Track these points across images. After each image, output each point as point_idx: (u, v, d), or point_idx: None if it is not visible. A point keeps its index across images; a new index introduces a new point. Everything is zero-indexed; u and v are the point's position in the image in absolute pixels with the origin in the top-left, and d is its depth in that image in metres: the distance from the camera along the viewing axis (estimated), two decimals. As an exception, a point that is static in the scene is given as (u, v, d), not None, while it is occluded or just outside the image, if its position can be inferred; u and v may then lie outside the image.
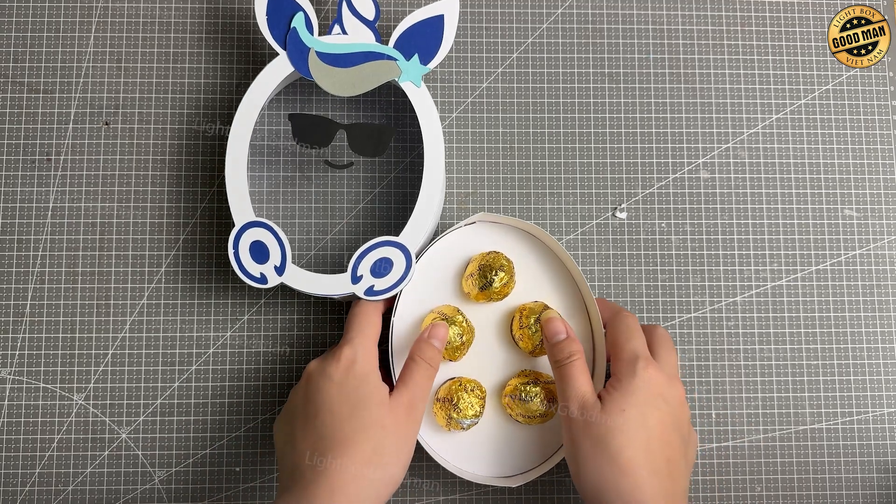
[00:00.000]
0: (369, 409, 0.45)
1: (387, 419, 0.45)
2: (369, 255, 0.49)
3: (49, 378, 0.53)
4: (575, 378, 0.46)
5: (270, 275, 0.49)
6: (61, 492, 0.52)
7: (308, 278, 0.49)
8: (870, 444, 0.54)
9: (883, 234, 0.56)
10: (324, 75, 0.50)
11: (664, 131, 0.57)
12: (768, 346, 0.55)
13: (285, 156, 0.56)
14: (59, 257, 0.54)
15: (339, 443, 0.44)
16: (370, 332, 0.48)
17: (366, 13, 0.51)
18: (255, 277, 0.49)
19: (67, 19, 0.56)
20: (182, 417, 0.53)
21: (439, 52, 0.51)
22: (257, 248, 0.49)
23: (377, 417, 0.44)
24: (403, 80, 0.51)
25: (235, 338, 0.54)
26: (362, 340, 0.47)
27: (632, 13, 0.58)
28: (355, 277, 0.49)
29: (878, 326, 0.55)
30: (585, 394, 0.46)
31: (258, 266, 0.49)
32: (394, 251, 0.49)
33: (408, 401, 0.46)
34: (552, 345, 0.48)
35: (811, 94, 0.57)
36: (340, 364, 0.46)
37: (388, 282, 0.49)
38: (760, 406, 0.55)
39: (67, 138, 0.55)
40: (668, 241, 0.56)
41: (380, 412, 0.45)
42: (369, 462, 0.43)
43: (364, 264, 0.49)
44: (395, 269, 0.49)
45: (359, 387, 0.45)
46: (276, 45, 0.51)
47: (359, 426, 0.44)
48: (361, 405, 0.45)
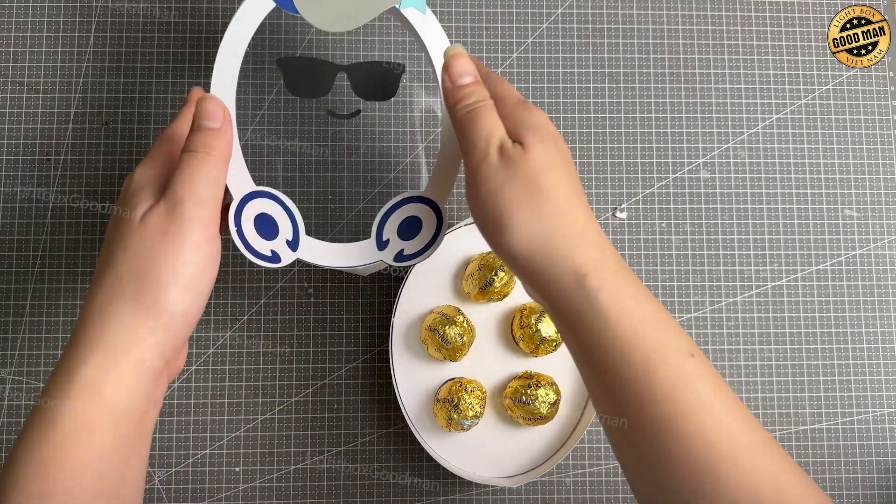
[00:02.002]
0: (117, 232, 0.37)
1: (132, 238, 0.36)
2: (394, 215, 0.43)
3: (49, 378, 0.53)
4: (488, 119, 0.38)
5: (283, 251, 0.42)
6: (61, 492, 0.52)
7: (327, 250, 0.43)
8: (870, 444, 0.54)
9: (883, 234, 0.56)
10: (311, 6, 0.42)
11: (664, 131, 0.57)
12: (768, 346, 0.55)
13: (281, 112, 0.54)
14: (58, 257, 0.54)
15: (91, 286, 0.37)
16: (159, 147, 0.41)
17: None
18: (266, 256, 0.42)
19: (67, 19, 0.56)
20: (182, 417, 0.53)
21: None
22: (264, 222, 0.42)
23: (122, 237, 0.37)
24: (405, 6, 0.43)
25: (235, 338, 0.54)
26: (145, 159, 0.40)
27: (632, 13, 0.58)
28: (381, 242, 0.43)
29: (879, 326, 0.55)
30: (503, 134, 0.38)
31: (267, 243, 0.42)
32: (422, 208, 0.44)
33: (167, 207, 0.37)
34: (457, 87, 0.39)
35: (811, 94, 0.57)
36: (123, 187, 0.40)
37: (420, 243, 0.44)
38: (761, 406, 0.55)
39: (67, 138, 0.55)
40: (669, 241, 0.56)
41: (128, 230, 0.37)
42: (117, 295, 0.36)
43: (389, 226, 0.43)
44: (426, 228, 0.44)
45: (122, 207, 0.38)
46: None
47: (105, 258, 0.37)
48: (115, 231, 0.38)
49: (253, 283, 0.54)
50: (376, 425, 0.53)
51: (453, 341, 0.50)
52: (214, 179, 0.38)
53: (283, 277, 0.54)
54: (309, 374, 0.54)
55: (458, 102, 0.39)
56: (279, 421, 0.53)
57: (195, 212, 0.36)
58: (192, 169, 0.37)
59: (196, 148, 0.38)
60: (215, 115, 0.39)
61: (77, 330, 0.36)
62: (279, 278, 0.54)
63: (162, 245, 0.36)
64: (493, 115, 0.38)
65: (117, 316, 0.35)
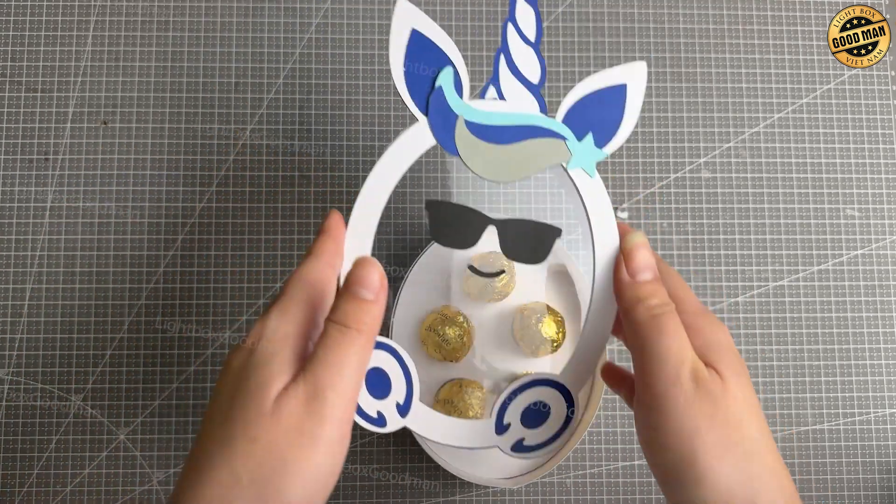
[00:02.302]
0: (244, 411, 0.30)
1: (260, 427, 0.30)
2: (519, 398, 0.38)
3: (47, 379, 0.53)
4: (677, 334, 0.33)
5: (391, 415, 0.37)
6: (59, 493, 0.52)
7: (439, 423, 0.38)
8: (871, 445, 0.54)
9: (884, 234, 0.56)
10: (473, 153, 0.38)
11: (664, 131, 0.57)
12: (769, 346, 0.55)
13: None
14: (56, 257, 0.54)
15: (195, 464, 0.31)
16: (299, 295, 0.33)
17: (529, 74, 0.39)
18: (371, 417, 0.36)
19: (65, 18, 0.56)
20: (181, 418, 0.53)
21: (619, 133, 0.39)
22: (377, 379, 0.37)
23: (249, 423, 0.30)
24: (573, 166, 0.39)
25: (235, 338, 0.54)
26: (282, 306, 0.33)
27: (632, 13, 0.58)
28: (501, 426, 0.38)
29: (880, 327, 0.55)
30: (695, 357, 0.33)
31: (375, 402, 0.37)
32: (551, 393, 0.38)
33: (307, 394, 0.31)
34: (639, 283, 0.35)
35: (811, 94, 0.57)
36: (245, 344, 0.33)
37: (544, 434, 0.38)
38: (762, 406, 0.54)
39: (65, 138, 0.55)
40: (669, 240, 0.56)
41: (256, 414, 0.30)
42: (233, 499, 0.29)
43: (513, 409, 0.38)
44: (554, 416, 0.38)
45: (250, 376, 0.31)
46: (415, 108, 0.38)
47: (223, 437, 0.30)
48: (238, 404, 0.31)
49: (253, 283, 0.54)
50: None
51: (453, 341, 0.50)
52: (361, 364, 0.32)
53: (283, 278, 0.54)
54: (308, 375, 0.53)
55: (638, 302, 0.34)
56: (278, 422, 0.53)
57: (336, 406, 0.31)
58: (341, 350, 0.31)
59: (347, 322, 0.32)
60: (372, 285, 0.33)
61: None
62: (279, 278, 0.54)
63: (294, 448, 0.30)
64: (680, 328, 0.33)
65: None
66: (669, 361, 0.32)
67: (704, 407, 0.31)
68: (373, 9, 0.57)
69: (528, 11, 0.40)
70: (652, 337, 0.33)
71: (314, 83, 0.56)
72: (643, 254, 0.36)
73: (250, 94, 0.56)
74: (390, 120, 0.56)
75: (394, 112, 0.56)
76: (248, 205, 0.55)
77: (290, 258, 0.54)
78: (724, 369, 0.32)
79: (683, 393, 0.31)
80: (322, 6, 0.57)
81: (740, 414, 0.31)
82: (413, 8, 0.38)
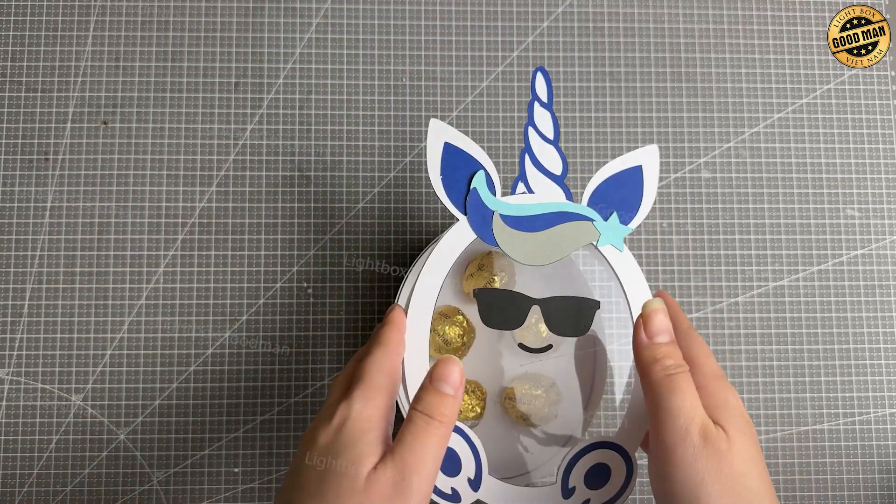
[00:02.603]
0: (338, 485, 0.34)
1: (353, 501, 0.33)
2: (582, 461, 0.42)
3: (47, 379, 0.53)
4: (688, 393, 0.36)
5: (464, 490, 0.41)
6: (59, 493, 0.52)
7: (510, 494, 0.42)
8: (871, 445, 0.54)
9: (884, 234, 0.56)
10: (511, 242, 0.43)
11: (664, 131, 0.57)
12: (769, 346, 0.55)
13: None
14: (57, 257, 0.54)
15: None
16: (382, 383, 0.37)
17: (552, 167, 0.44)
18: (446, 494, 0.40)
19: (65, 18, 0.56)
20: (181, 418, 0.53)
21: (641, 209, 0.44)
22: (448, 458, 0.40)
23: (343, 496, 0.33)
24: (603, 243, 0.43)
25: (235, 338, 0.54)
26: (366, 393, 0.37)
27: (632, 13, 0.58)
28: (567, 490, 0.41)
29: (880, 327, 0.55)
30: (704, 415, 0.36)
31: (448, 479, 0.40)
32: (611, 454, 0.42)
33: (396, 475, 0.34)
34: (655, 345, 0.39)
35: (811, 94, 0.57)
36: (332, 423, 0.36)
37: (607, 493, 0.42)
38: (762, 407, 0.54)
39: (65, 138, 0.55)
40: (669, 240, 0.56)
41: (350, 490, 0.33)
42: None
43: (576, 473, 0.42)
44: (615, 476, 0.41)
45: (342, 453, 0.34)
46: (455, 209, 0.43)
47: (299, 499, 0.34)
48: (331, 478, 0.34)
49: (253, 283, 0.54)
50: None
51: (453, 341, 0.50)
52: (441, 451, 0.36)
53: (283, 277, 0.54)
54: (309, 375, 0.54)
55: (655, 362, 0.38)
56: (279, 421, 0.53)
57: (420, 489, 0.34)
58: (426, 438, 0.35)
59: (431, 413, 0.36)
60: (454, 382, 0.37)
61: None
62: (279, 278, 0.54)
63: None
64: (692, 388, 0.37)
65: None
66: (680, 418, 0.35)
67: (710, 461, 0.34)
68: (373, 9, 0.57)
69: (545, 115, 0.45)
70: (665, 395, 0.36)
71: (314, 83, 0.56)
72: (660, 318, 0.39)
73: (250, 94, 0.56)
74: (390, 120, 0.56)
75: (394, 112, 0.56)
76: (248, 205, 0.55)
77: (290, 258, 0.54)
78: (731, 428, 0.35)
79: (692, 447, 0.34)
80: (322, 6, 0.57)
81: (743, 468, 0.34)
82: (443, 125, 0.43)
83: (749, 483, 0.34)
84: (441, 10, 0.57)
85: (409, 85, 0.56)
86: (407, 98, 0.56)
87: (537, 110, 0.45)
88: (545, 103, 0.45)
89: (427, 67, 0.56)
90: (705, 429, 0.35)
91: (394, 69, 0.56)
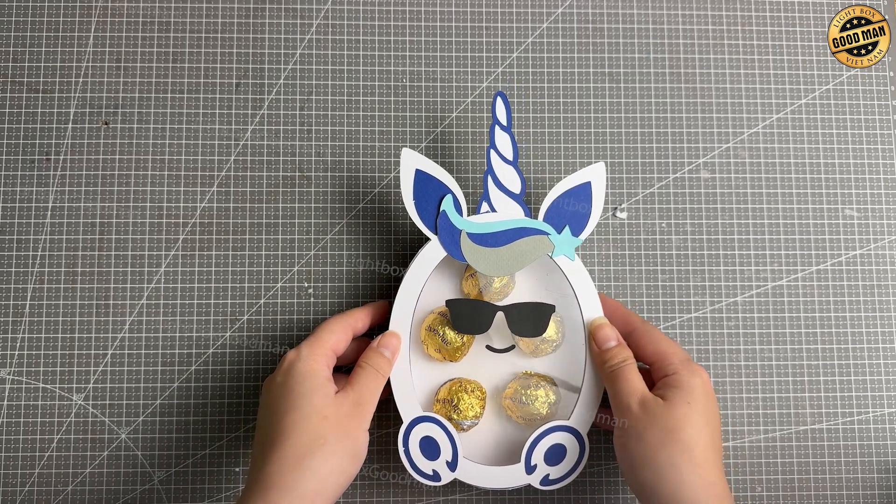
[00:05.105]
0: (310, 400, 0.44)
1: (328, 409, 0.44)
2: (541, 443, 0.48)
3: (48, 378, 0.53)
4: (631, 378, 0.47)
5: (443, 471, 0.48)
6: (60, 492, 0.52)
7: (481, 473, 0.48)
8: (870, 444, 0.54)
9: (883, 234, 0.56)
10: (478, 257, 0.49)
11: (664, 131, 0.57)
12: (769, 346, 0.55)
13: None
14: (58, 257, 0.54)
15: (279, 434, 0.43)
16: (324, 336, 0.47)
17: (512, 187, 0.50)
18: (428, 475, 0.48)
19: (67, 19, 0.56)
20: (181, 418, 0.53)
21: (590, 221, 0.50)
22: (428, 445, 0.48)
23: (319, 407, 0.44)
24: (557, 254, 0.49)
25: (235, 338, 0.54)
26: (309, 343, 0.47)
27: (632, 13, 0.58)
28: (529, 467, 0.48)
29: (879, 326, 0.55)
30: (644, 390, 0.46)
31: (429, 463, 0.48)
32: (565, 436, 0.49)
33: (354, 399, 0.46)
34: (603, 350, 0.48)
35: (811, 94, 0.57)
36: (282, 366, 0.46)
37: (564, 468, 0.49)
38: (761, 406, 0.54)
39: (67, 138, 0.55)
40: (669, 241, 0.56)
41: (323, 403, 0.44)
42: (309, 451, 0.43)
43: (537, 453, 0.48)
44: (570, 453, 0.49)
45: (300, 383, 0.45)
46: (427, 230, 0.49)
47: (298, 417, 0.44)
48: (302, 398, 0.44)
49: (253, 283, 0.54)
50: (376, 425, 0.53)
51: (453, 341, 0.50)
52: (378, 394, 0.47)
53: (283, 277, 0.54)
54: (309, 375, 0.54)
55: (604, 363, 0.48)
56: (279, 421, 0.53)
57: (370, 413, 0.46)
58: (372, 383, 0.47)
59: (377, 368, 0.47)
60: (392, 348, 0.48)
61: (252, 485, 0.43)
62: (279, 278, 0.54)
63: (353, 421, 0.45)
64: (633, 373, 0.47)
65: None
66: (624, 396, 0.46)
67: (647, 421, 0.44)
68: (373, 9, 0.57)
69: (504, 137, 0.50)
70: (614, 383, 0.47)
71: (314, 83, 0.56)
72: (605, 330, 0.49)
73: (251, 95, 0.56)
74: (390, 120, 0.56)
75: (394, 112, 0.56)
76: (249, 205, 0.55)
77: (290, 258, 0.54)
78: (675, 398, 0.45)
79: (633, 414, 0.45)
80: (322, 6, 0.57)
81: (677, 424, 0.44)
82: (414, 153, 0.49)
83: (681, 435, 0.43)
84: (441, 11, 0.57)
85: (409, 85, 0.56)
86: (407, 98, 0.56)
87: (498, 133, 0.50)
88: (504, 126, 0.50)
89: (427, 68, 0.56)
90: (644, 399, 0.45)
91: (394, 69, 0.57)
